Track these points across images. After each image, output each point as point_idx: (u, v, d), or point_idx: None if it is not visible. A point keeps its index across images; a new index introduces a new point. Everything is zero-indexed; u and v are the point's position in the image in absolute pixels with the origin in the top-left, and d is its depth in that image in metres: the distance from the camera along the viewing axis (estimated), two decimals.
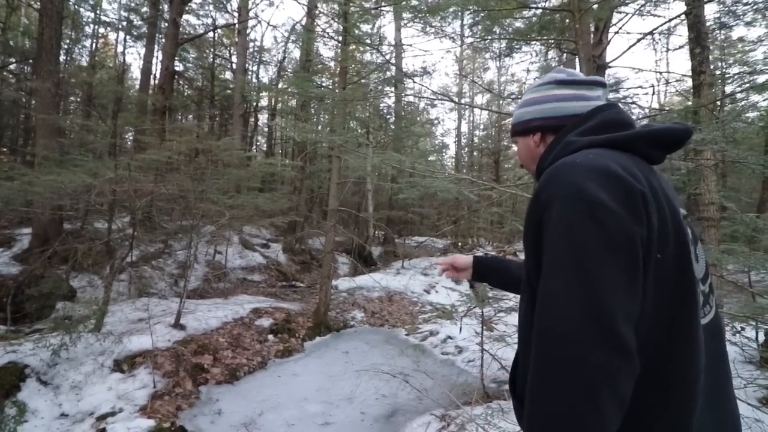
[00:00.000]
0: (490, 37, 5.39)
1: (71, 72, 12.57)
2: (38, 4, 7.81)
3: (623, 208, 0.60)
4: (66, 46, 12.48)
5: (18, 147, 11.82)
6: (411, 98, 14.46)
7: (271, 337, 5.47)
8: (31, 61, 10.92)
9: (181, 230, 6.57)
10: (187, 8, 11.46)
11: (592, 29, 4.67)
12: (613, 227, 0.59)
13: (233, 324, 5.43)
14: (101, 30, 14.54)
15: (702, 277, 0.71)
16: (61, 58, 10.52)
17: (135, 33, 13.91)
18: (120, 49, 15.62)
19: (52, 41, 6.96)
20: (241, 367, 4.63)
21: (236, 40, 12.79)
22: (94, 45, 14.45)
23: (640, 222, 0.60)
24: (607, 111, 0.80)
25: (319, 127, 13.77)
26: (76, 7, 12.00)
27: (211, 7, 14.05)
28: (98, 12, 13.22)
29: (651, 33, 5.44)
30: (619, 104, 0.86)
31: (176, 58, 10.84)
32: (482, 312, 4.28)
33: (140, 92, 11.62)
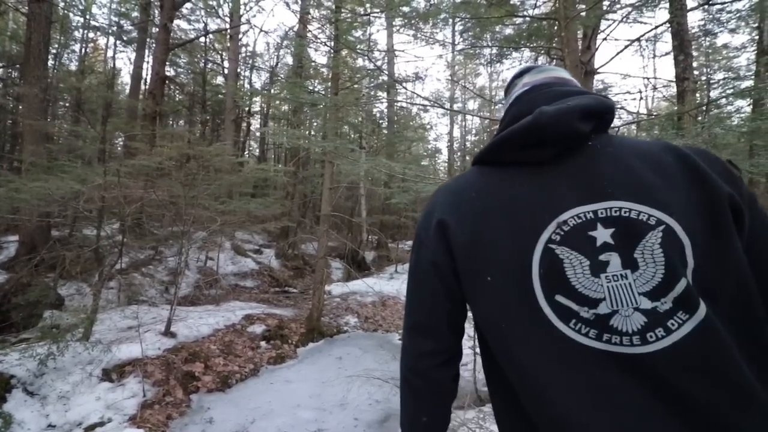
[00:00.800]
0: (480, 44, 5.46)
1: (60, 77, 12.44)
2: (26, 8, 7.73)
3: (426, 238, 0.72)
4: (55, 51, 12.36)
5: (5, 153, 11.64)
6: (403, 104, 14.55)
7: (263, 343, 5.44)
8: (18, 66, 10.79)
9: (172, 236, 6.52)
10: (178, 13, 11.44)
11: (580, 36, 4.76)
12: (416, 254, 0.74)
13: (225, 331, 5.38)
14: (91, 35, 14.45)
15: (651, 291, 0.56)
16: (50, 63, 10.43)
17: (125, 38, 13.83)
18: (110, 54, 15.56)
19: (40, 46, 6.90)
20: (233, 374, 4.59)
21: (228, 45, 12.79)
22: (83, 50, 14.33)
23: (436, 249, 0.70)
24: (514, 107, 0.75)
25: (312, 133, 13.78)
26: (65, 11, 11.91)
27: (203, 13, 14.04)
28: (88, 17, 13.12)
29: (638, 40, 5.55)
30: (538, 83, 0.77)
31: (167, 63, 10.80)
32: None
33: (130, 97, 11.54)
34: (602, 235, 0.59)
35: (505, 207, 0.65)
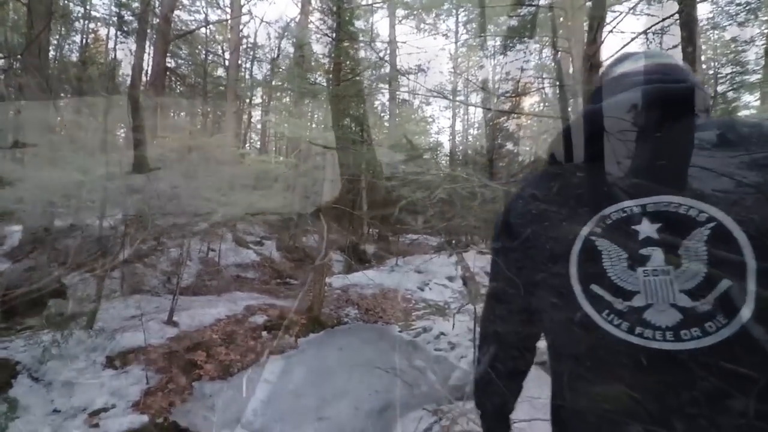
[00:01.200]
0: (483, 35, 5.42)
1: (61, 68, 12.39)
2: None
3: (495, 234, 0.81)
4: (56, 42, 12.31)
5: (7, 144, 11.64)
6: (405, 95, 14.46)
7: (264, 333, 5.47)
8: (19, 56, 10.75)
9: (174, 228, 6.52)
10: (178, 4, 11.35)
11: (586, 28, 4.70)
12: (491, 249, 0.84)
13: (227, 321, 5.42)
14: (91, 25, 14.36)
15: (692, 289, 0.54)
16: (51, 53, 10.38)
17: (126, 29, 13.72)
18: (111, 44, 15.43)
19: (41, 37, 6.86)
20: (234, 363, 4.63)
21: (229, 36, 12.70)
22: (84, 41, 14.26)
23: (502, 244, 0.79)
24: (590, 101, 0.79)
25: (314, 125, 13.74)
26: (65, 2, 11.83)
27: (203, 3, 13.93)
28: (88, 7, 13.03)
29: (645, 32, 5.48)
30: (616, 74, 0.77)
31: (168, 54, 10.74)
32: (475, 308, 4.30)
33: (131, 89, 11.48)
34: (646, 229, 0.58)
35: (557, 202, 0.70)
